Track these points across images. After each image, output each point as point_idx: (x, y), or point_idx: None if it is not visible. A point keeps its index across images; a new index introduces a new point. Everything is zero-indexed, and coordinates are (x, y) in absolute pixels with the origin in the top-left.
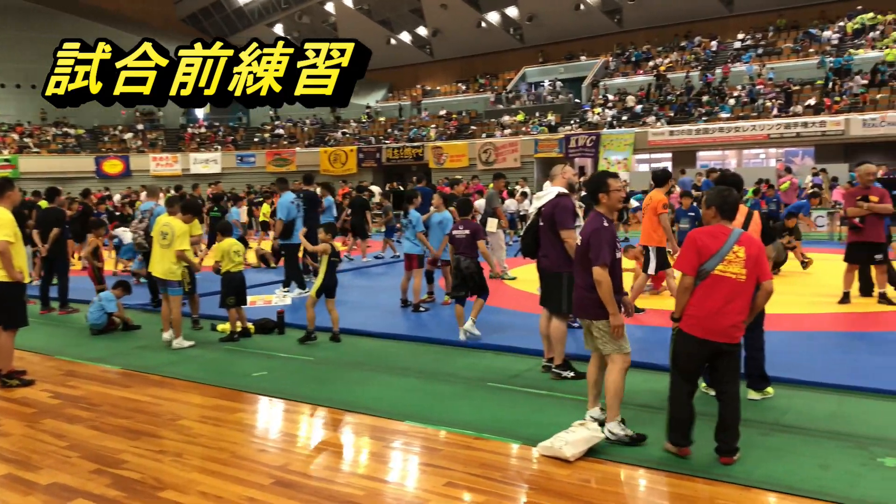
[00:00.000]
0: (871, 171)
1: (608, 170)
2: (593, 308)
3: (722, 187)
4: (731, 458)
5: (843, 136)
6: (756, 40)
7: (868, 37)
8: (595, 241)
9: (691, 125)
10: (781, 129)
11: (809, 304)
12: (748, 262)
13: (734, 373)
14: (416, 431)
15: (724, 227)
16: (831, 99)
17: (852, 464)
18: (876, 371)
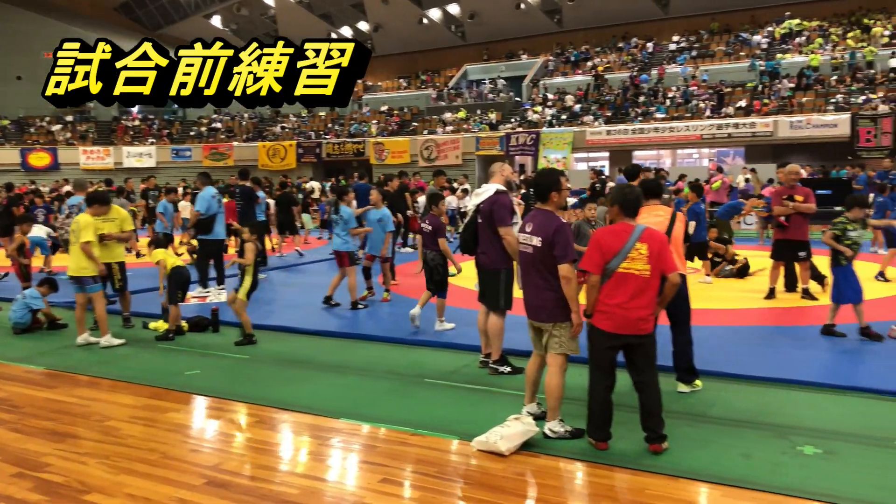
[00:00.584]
0: (795, 171)
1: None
2: (561, 310)
3: (624, 185)
4: (660, 445)
5: (772, 137)
6: (690, 43)
7: (795, 42)
8: (561, 239)
9: (628, 125)
10: (714, 130)
11: (737, 300)
12: (651, 258)
13: (649, 362)
14: (352, 429)
15: (626, 224)
16: (761, 101)
17: (774, 452)
18: (797, 363)
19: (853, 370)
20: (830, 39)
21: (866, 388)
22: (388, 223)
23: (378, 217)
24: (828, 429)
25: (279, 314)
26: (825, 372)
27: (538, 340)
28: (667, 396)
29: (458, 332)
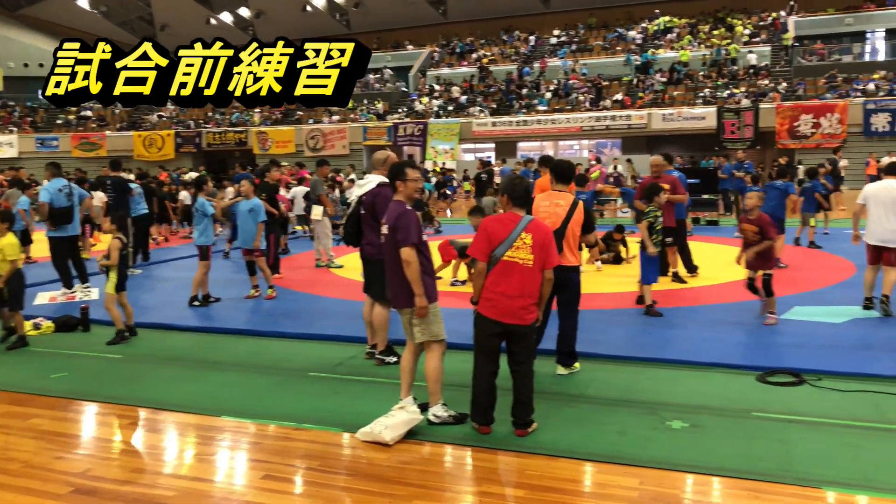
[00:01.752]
0: (658, 162)
1: (436, 159)
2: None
3: (514, 176)
4: (525, 430)
5: (646, 129)
6: (570, 37)
7: (666, 38)
8: (403, 224)
9: (512, 117)
10: (592, 122)
11: (615, 284)
12: (535, 248)
13: (528, 352)
14: (232, 426)
15: (514, 214)
16: (635, 95)
17: (645, 428)
18: (667, 343)
19: (714, 348)
20: (699, 37)
21: (727, 364)
22: (260, 214)
23: (248, 208)
24: (694, 404)
25: (156, 311)
26: (691, 350)
27: (409, 327)
28: (547, 378)
29: (343, 323)
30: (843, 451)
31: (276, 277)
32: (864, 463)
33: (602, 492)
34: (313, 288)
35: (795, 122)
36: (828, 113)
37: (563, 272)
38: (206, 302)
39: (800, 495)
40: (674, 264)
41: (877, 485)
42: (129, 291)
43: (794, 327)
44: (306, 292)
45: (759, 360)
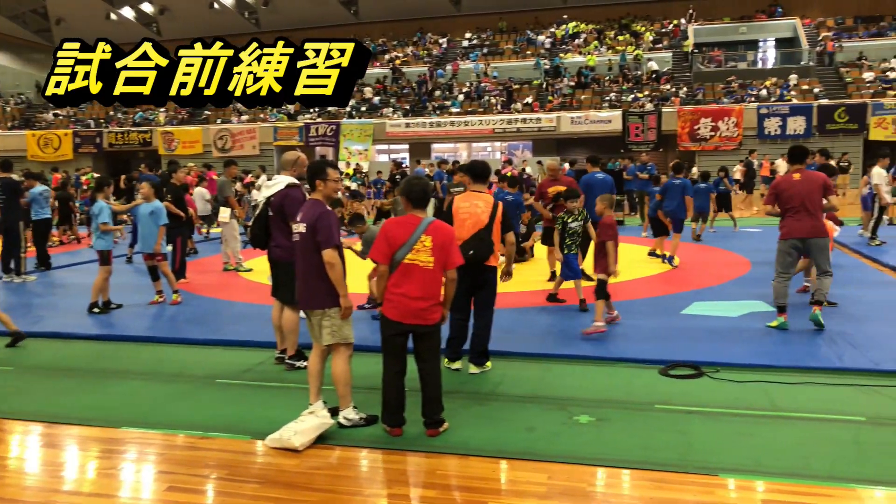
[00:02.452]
0: (555, 165)
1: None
2: (328, 296)
3: (413, 178)
4: (437, 429)
5: (556, 131)
6: (481, 40)
7: (574, 43)
8: (323, 224)
9: (425, 118)
10: (504, 125)
11: (525, 283)
12: (435, 250)
13: (433, 352)
14: (135, 438)
15: (414, 216)
16: (544, 98)
17: (554, 424)
18: (575, 339)
19: (619, 344)
20: (605, 42)
21: (632, 359)
22: (161, 216)
23: (149, 210)
24: (600, 398)
25: (53, 318)
26: (597, 346)
27: (317, 329)
28: (459, 377)
29: (252, 328)
30: (738, 438)
31: (183, 282)
32: (756, 449)
33: (511, 488)
34: (221, 292)
35: (696, 125)
36: (725, 117)
37: (484, 272)
38: (106, 309)
39: (698, 483)
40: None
41: (767, 469)
42: (23, 298)
43: (693, 322)
44: (214, 297)
45: (661, 354)
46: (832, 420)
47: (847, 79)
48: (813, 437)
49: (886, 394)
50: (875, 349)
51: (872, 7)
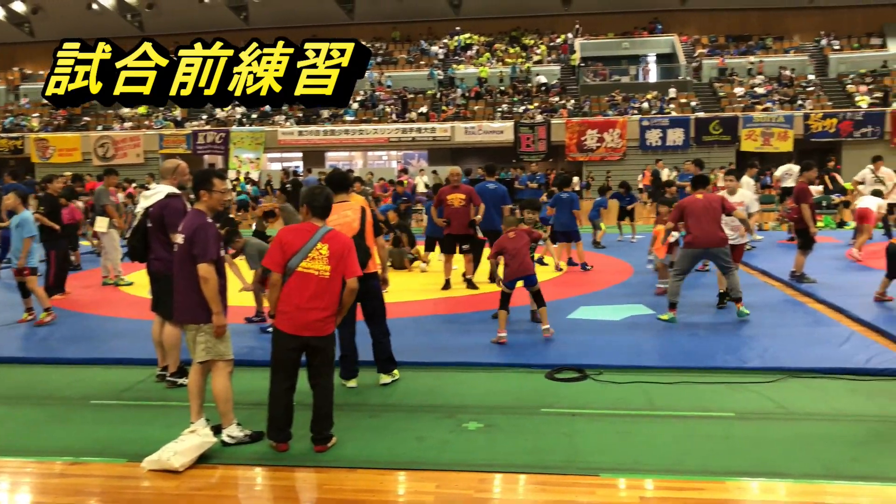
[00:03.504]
0: (456, 172)
1: (240, 168)
2: (203, 311)
3: (314, 186)
4: (325, 445)
5: (450, 141)
6: (376, 49)
7: (467, 54)
8: (201, 238)
9: (319, 126)
10: (399, 134)
11: (419, 292)
12: (332, 259)
13: (327, 366)
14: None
15: (312, 224)
16: (439, 108)
17: (443, 432)
18: (464, 347)
19: (508, 350)
20: (496, 54)
21: (519, 364)
22: (27, 228)
23: (16, 223)
24: (489, 404)
25: None
26: (486, 353)
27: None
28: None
29: (132, 345)
30: (619, 438)
31: (59, 298)
32: (635, 448)
33: (399, 499)
34: (99, 308)
35: (583, 136)
36: (610, 128)
37: (365, 280)
38: None
39: (581, 483)
40: (469, 271)
41: (645, 467)
42: None
43: (579, 326)
44: (91, 313)
45: (548, 358)
46: (705, 417)
47: (720, 93)
48: (687, 434)
49: (753, 389)
50: (743, 348)
51: (741, 27)
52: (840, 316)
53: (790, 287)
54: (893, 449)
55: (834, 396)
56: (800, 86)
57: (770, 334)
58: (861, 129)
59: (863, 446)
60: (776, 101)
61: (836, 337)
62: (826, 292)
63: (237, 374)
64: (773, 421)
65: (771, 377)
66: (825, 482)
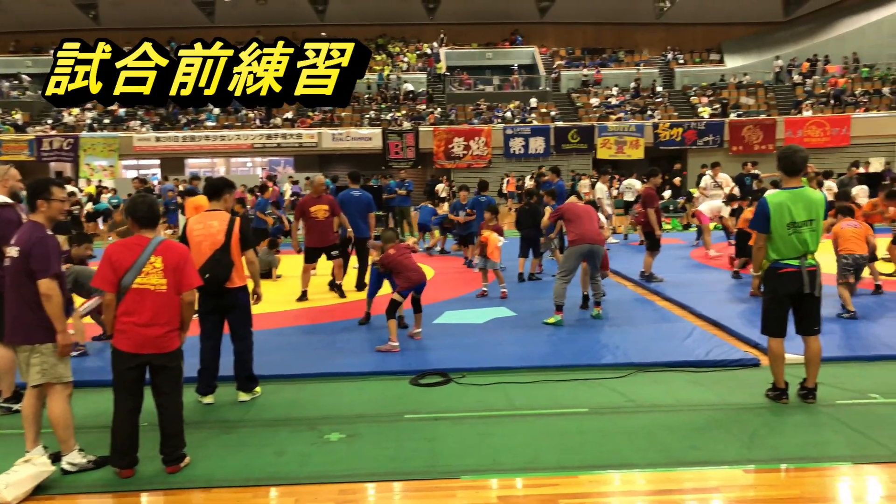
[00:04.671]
0: (320, 182)
1: (92, 176)
2: (40, 330)
3: (137, 195)
4: (178, 465)
5: (317, 147)
6: None
7: None
8: (40, 251)
9: (178, 132)
10: (264, 140)
11: (277, 304)
12: (167, 271)
13: (174, 383)
14: None
15: (142, 237)
16: (305, 114)
17: (304, 444)
18: (327, 358)
19: (371, 358)
20: None
21: (384, 372)
22: None
23: None
24: (352, 414)
25: None
26: (349, 362)
27: (26, 367)
28: (204, 406)
29: None
30: (479, 439)
31: None
32: (495, 448)
33: None
34: None
35: (450, 144)
36: (476, 137)
37: (228, 294)
38: None
39: (441, 487)
40: (338, 277)
41: (503, 466)
42: None
43: (444, 330)
44: None
45: (412, 364)
46: (561, 414)
47: (578, 104)
48: (544, 432)
49: (606, 385)
50: (597, 346)
51: (595, 40)
52: (684, 312)
53: (640, 286)
54: (728, 434)
55: (677, 388)
56: (649, 97)
57: (621, 332)
58: (704, 137)
59: (701, 433)
60: (628, 111)
61: (681, 332)
62: (672, 290)
63: (85, 395)
64: (623, 414)
65: (622, 372)
66: (666, 470)
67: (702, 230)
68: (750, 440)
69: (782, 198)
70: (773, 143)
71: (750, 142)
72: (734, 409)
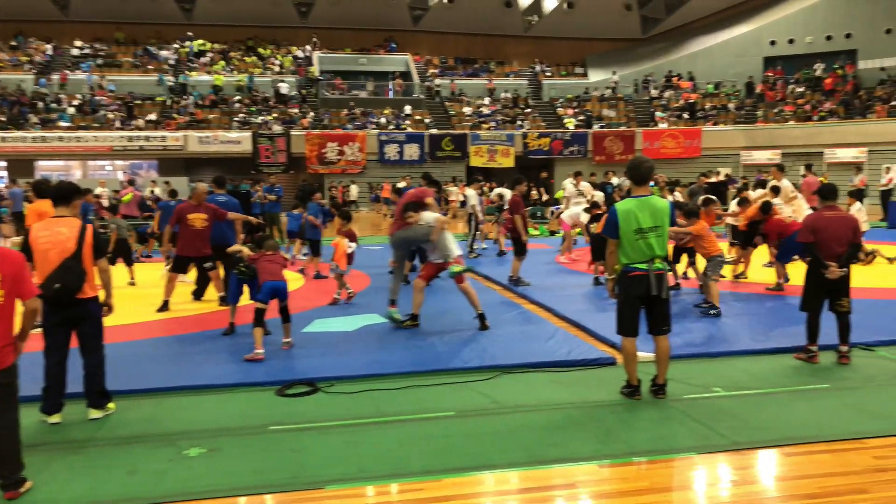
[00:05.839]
0: (203, 190)
1: None
2: None
3: None
4: (17, 490)
5: (183, 150)
6: (95, 50)
7: (201, 61)
8: None
9: (27, 132)
10: (125, 142)
11: (135, 315)
12: (5, 282)
13: (8, 402)
14: None
15: None
16: (170, 116)
17: (160, 462)
18: (187, 369)
19: (236, 368)
20: (232, 63)
21: (249, 383)
22: None
23: None
24: (214, 427)
25: None
26: (212, 373)
27: None
28: (43, 427)
29: None
30: (346, 448)
31: None
32: (361, 457)
33: None
34: None
35: (323, 149)
36: (350, 142)
37: (78, 305)
38: None
39: (306, 499)
40: (218, 289)
41: (369, 474)
42: None
43: (313, 339)
44: None
45: (279, 374)
46: (428, 418)
47: (451, 112)
48: (410, 437)
49: (472, 388)
50: (465, 349)
51: (467, 51)
52: (549, 314)
53: (508, 290)
54: (585, 431)
55: (539, 388)
56: (519, 107)
57: (489, 335)
58: (570, 147)
59: (560, 431)
60: (499, 120)
61: (544, 333)
62: (538, 294)
63: None
64: (487, 416)
65: (488, 375)
66: (527, 468)
67: (565, 236)
68: (605, 436)
69: (630, 205)
70: (632, 153)
71: (612, 152)
72: (591, 406)
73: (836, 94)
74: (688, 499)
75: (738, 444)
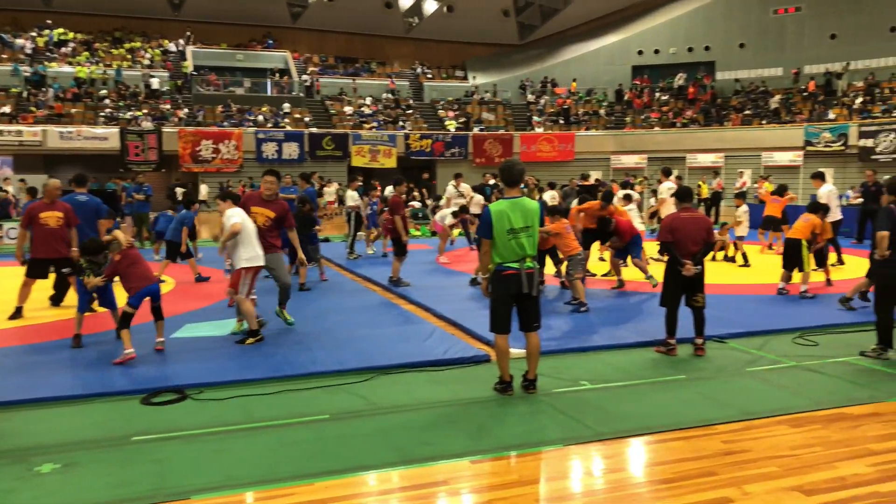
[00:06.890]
0: (56, 186)
1: None
2: None
3: None
4: None
5: (42, 146)
6: None
7: (61, 51)
8: None
9: None
10: None
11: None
12: None
13: None
14: None
15: None
16: (26, 109)
17: (8, 481)
18: (41, 380)
19: (97, 376)
20: (97, 54)
21: (110, 392)
22: None
23: None
24: (70, 441)
25: None
26: (69, 385)
27: None
28: None
29: None
30: (213, 456)
31: None
32: (229, 464)
33: None
34: None
35: (197, 146)
36: (226, 140)
37: None
38: None
39: None
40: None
41: (237, 481)
42: None
43: (182, 345)
44: None
45: (144, 382)
46: (300, 423)
47: (332, 111)
48: (282, 442)
49: (348, 390)
50: (341, 351)
51: (347, 49)
52: (427, 314)
53: (388, 291)
54: (458, 428)
55: (415, 388)
56: (401, 108)
57: (367, 336)
58: (451, 149)
59: (434, 429)
60: (381, 121)
61: (422, 333)
62: (417, 294)
63: None
64: (362, 418)
65: (365, 376)
66: (400, 468)
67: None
68: (477, 432)
69: (503, 206)
70: (511, 156)
71: (491, 154)
72: (465, 403)
73: (696, 103)
74: (554, 489)
75: (602, 434)
